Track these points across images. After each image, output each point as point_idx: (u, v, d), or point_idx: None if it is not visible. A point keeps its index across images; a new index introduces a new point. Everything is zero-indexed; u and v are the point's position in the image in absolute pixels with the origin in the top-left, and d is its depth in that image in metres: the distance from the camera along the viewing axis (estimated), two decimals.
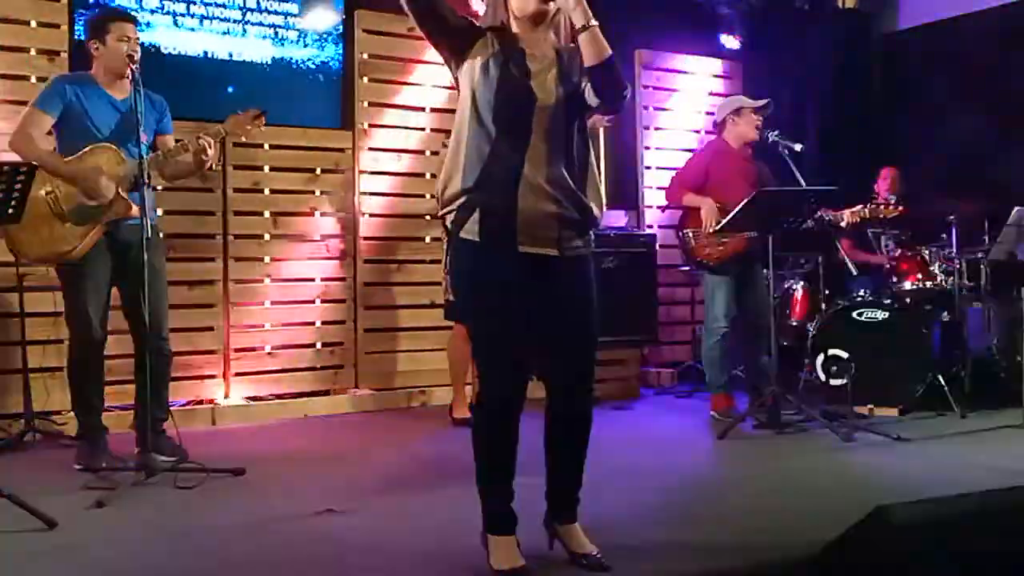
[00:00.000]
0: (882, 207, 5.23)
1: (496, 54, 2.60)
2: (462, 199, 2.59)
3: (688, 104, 6.97)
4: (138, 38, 4.00)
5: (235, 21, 5.41)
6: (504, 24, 2.65)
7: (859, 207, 5.27)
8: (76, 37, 4.82)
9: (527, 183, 2.55)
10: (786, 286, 5.89)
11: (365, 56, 5.77)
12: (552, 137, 2.60)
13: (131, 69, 3.77)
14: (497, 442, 2.65)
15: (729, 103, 5.36)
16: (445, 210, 2.66)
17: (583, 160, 2.66)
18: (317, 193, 5.62)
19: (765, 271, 5.07)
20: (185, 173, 4.16)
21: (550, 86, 2.62)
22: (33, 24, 4.82)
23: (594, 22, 2.55)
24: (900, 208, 5.22)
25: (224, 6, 5.37)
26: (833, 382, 5.17)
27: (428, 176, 5.84)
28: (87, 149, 3.90)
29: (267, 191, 5.47)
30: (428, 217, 5.81)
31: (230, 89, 5.32)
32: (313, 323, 5.61)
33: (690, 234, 5.24)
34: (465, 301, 2.70)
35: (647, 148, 6.80)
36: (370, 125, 5.76)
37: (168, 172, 4.15)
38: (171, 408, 4.15)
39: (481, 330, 2.65)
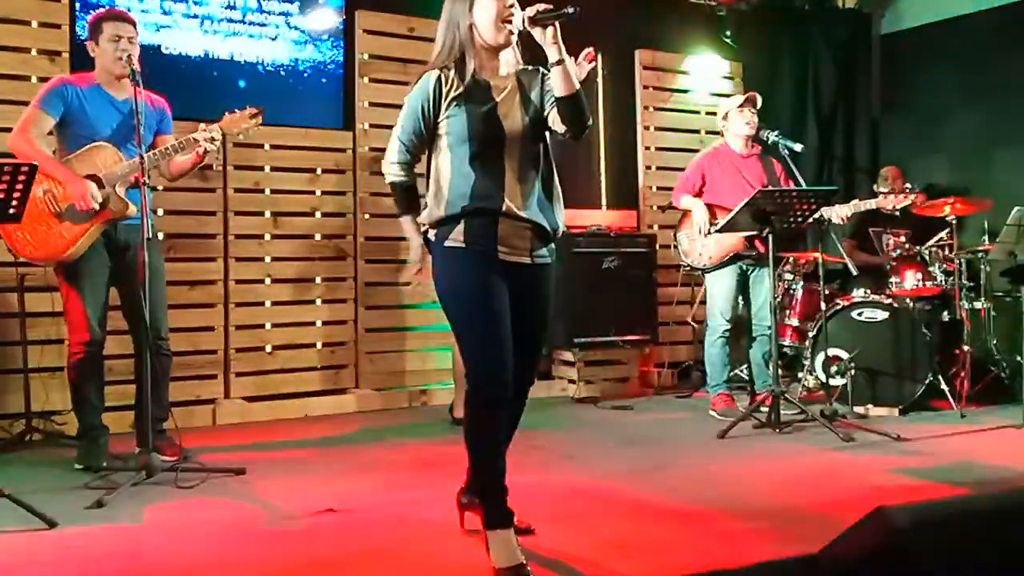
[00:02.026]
0: (892, 197, 5.24)
1: (460, 96, 2.72)
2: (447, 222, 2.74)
3: (688, 104, 6.97)
4: (132, 37, 3.97)
5: (235, 21, 5.41)
6: (462, 58, 2.76)
7: (855, 201, 5.29)
8: (77, 37, 4.83)
9: (507, 213, 2.72)
10: (786, 286, 5.89)
11: (365, 56, 5.78)
12: (524, 162, 2.77)
13: (132, 69, 3.78)
14: (494, 435, 2.69)
15: (719, 112, 5.41)
16: (428, 228, 2.82)
17: (548, 175, 2.84)
18: (318, 193, 5.63)
19: (766, 271, 5.07)
20: (186, 169, 4.15)
21: (516, 114, 2.78)
22: (34, 24, 4.83)
23: (567, 57, 2.69)
24: (912, 196, 5.23)
25: (225, 6, 5.38)
26: (833, 382, 5.16)
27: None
28: (85, 148, 3.91)
29: (268, 191, 5.47)
30: None
31: (230, 89, 5.32)
32: (314, 323, 5.61)
33: (685, 235, 5.28)
34: (453, 299, 2.75)
35: (647, 148, 6.80)
36: (370, 125, 5.77)
37: (168, 170, 4.14)
38: (171, 408, 4.15)
39: (474, 323, 2.69)
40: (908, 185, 5.70)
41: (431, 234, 2.79)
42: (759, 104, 5.27)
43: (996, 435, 4.66)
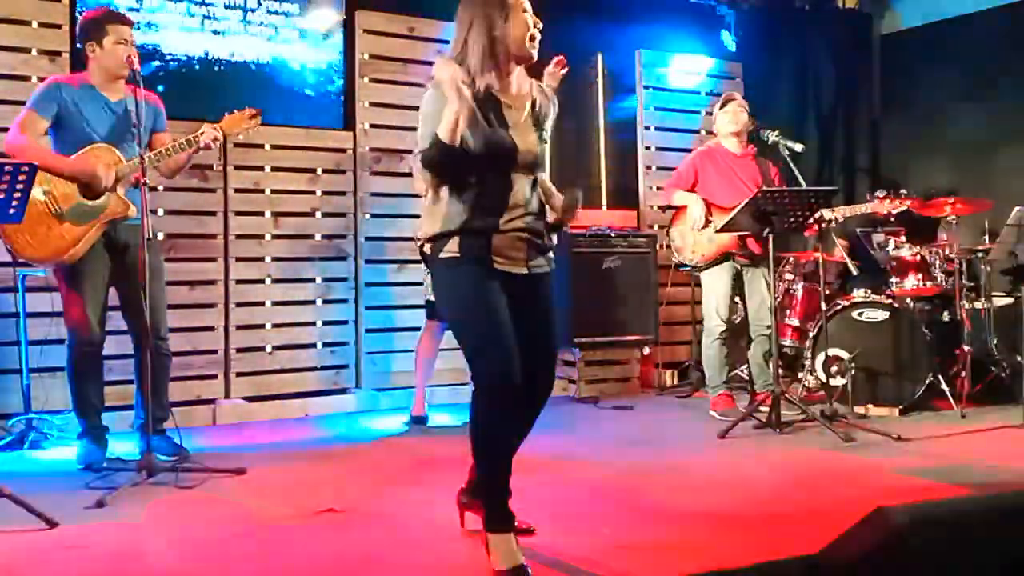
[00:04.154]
0: (887, 202, 5.26)
1: (474, 114, 2.64)
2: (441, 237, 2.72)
3: (688, 104, 6.97)
4: (133, 40, 3.99)
5: (235, 21, 5.41)
6: (487, 68, 2.67)
7: (844, 207, 5.33)
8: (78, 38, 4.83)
9: (505, 228, 2.69)
10: (786, 286, 5.89)
11: (365, 56, 5.78)
12: (528, 182, 2.75)
13: (132, 70, 3.78)
14: (503, 436, 2.66)
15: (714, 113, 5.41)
16: (423, 244, 2.80)
17: (546, 187, 2.84)
18: (318, 193, 5.63)
19: (761, 271, 5.07)
20: (181, 164, 4.14)
21: (529, 145, 2.74)
22: (34, 24, 4.83)
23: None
24: (908, 202, 5.25)
25: (224, 6, 5.38)
26: (833, 382, 5.16)
27: None
28: (83, 150, 3.91)
29: (268, 191, 5.47)
30: None
31: (230, 89, 5.32)
32: (314, 323, 5.61)
33: (677, 232, 5.25)
34: (450, 305, 2.75)
35: (647, 148, 6.80)
36: (370, 125, 5.77)
37: (165, 167, 4.14)
38: (171, 408, 4.15)
39: (474, 324, 2.67)
40: (903, 191, 5.70)
41: (427, 248, 2.77)
42: (739, 102, 5.24)
43: (996, 435, 4.65)
